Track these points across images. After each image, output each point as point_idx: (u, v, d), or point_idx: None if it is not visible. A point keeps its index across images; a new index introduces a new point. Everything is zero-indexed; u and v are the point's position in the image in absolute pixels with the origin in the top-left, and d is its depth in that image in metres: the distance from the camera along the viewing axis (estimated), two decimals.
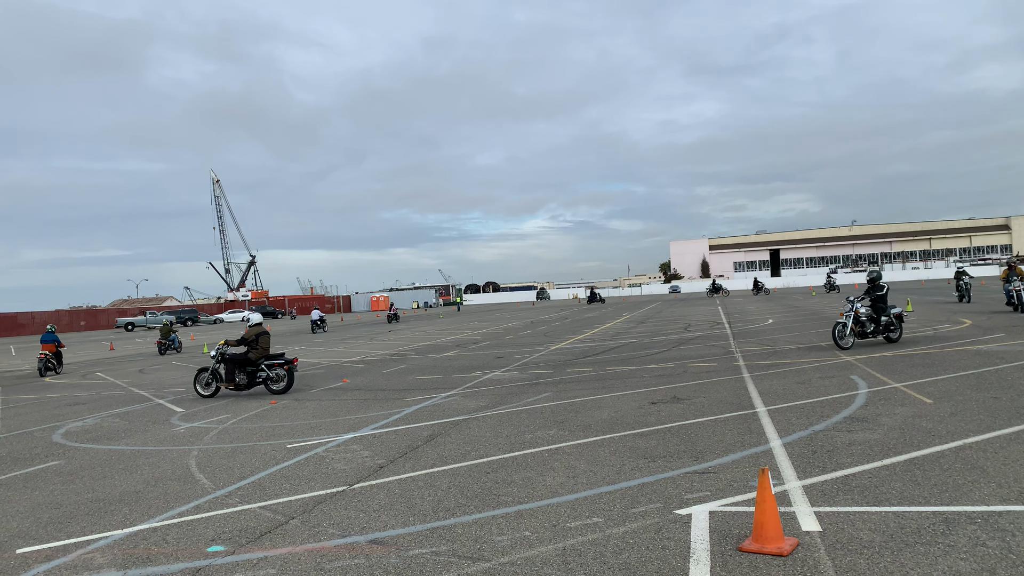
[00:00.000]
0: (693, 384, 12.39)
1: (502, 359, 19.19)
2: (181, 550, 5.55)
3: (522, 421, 9.99)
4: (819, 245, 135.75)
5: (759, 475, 4.89)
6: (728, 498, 5.95)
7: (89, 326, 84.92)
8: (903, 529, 5.03)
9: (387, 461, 8.10)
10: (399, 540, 5.47)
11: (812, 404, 9.82)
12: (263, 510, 6.48)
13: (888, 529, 5.05)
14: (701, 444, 7.92)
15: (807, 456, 7.12)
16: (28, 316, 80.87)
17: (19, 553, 5.74)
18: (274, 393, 14.69)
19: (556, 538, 5.29)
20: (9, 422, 13.22)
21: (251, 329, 15.05)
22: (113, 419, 12.72)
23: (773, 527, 4.76)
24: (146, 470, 8.44)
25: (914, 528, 5.04)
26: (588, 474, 6.98)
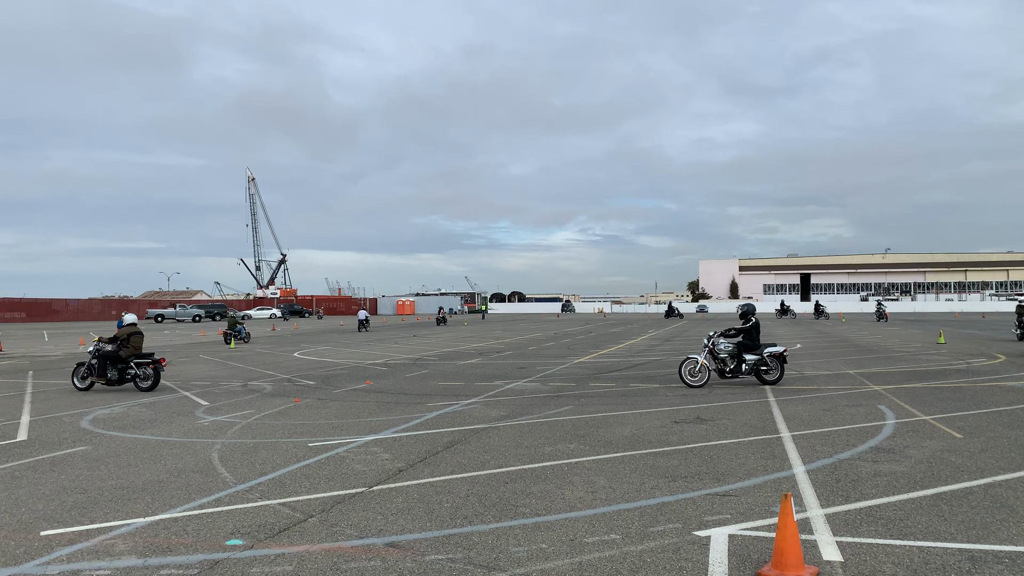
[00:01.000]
0: (717, 405, 12.28)
1: (524, 370, 19.17)
2: (200, 542, 5.61)
3: (542, 433, 9.96)
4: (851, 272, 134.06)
5: (781, 501, 4.83)
6: (748, 522, 5.88)
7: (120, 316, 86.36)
8: (927, 564, 4.94)
9: (406, 465, 8.12)
10: (415, 544, 5.47)
11: (838, 432, 9.68)
12: (282, 507, 6.53)
13: (912, 564, 4.95)
14: (723, 466, 7.84)
15: (831, 484, 7.02)
16: (62, 303, 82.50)
17: (43, 535, 5.83)
18: (141, 390, 15.31)
19: (573, 552, 5.26)
20: (39, 406, 13.47)
21: (123, 329, 15.94)
22: (140, 409, 12.91)
23: (794, 554, 4.70)
24: (170, 460, 8.54)
25: (939, 564, 4.94)
26: (607, 490, 6.94)
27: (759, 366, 14.79)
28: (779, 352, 14.93)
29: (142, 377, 15.42)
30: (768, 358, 14.80)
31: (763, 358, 14.76)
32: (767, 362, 14.82)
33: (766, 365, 14.82)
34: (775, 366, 14.87)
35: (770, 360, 14.83)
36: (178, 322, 71.98)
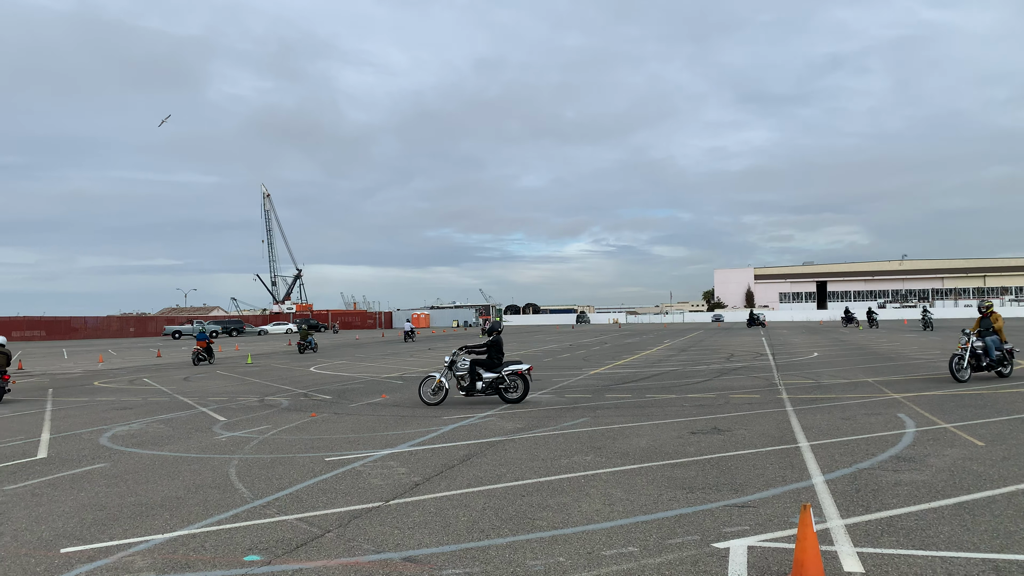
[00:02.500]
0: (734, 415, 12.20)
1: (540, 382, 19.13)
2: (218, 557, 5.63)
3: (559, 445, 9.93)
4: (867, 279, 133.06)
5: (801, 511, 4.79)
6: (768, 533, 5.83)
7: (138, 332, 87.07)
8: (951, 575, 4.87)
9: (423, 479, 8.11)
10: (433, 559, 5.46)
11: (857, 441, 9.59)
12: (299, 522, 6.54)
13: (935, 574, 4.89)
14: (741, 477, 7.78)
15: (851, 494, 6.94)
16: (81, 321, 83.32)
17: (63, 552, 5.88)
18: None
19: (590, 565, 5.23)
20: (59, 423, 13.58)
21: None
22: (158, 425, 12.99)
23: (814, 566, 4.65)
24: (188, 476, 8.59)
25: (962, 574, 4.87)
26: (625, 502, 6.91)
27: (498, 384, 14.48)
28: (522, 370, 14.50)
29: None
30: (508, 376, 14.49)
31: (502, 376, 14.45)
32: (506, 379, 14.48)
33: (504, 383, 14.46)
34: (515, 384, 14.55)
35: (510, 378, 14.52)
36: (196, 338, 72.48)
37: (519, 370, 14.50)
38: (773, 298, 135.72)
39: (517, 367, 14.55)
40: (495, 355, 14.65)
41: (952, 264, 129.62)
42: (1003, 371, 16.27)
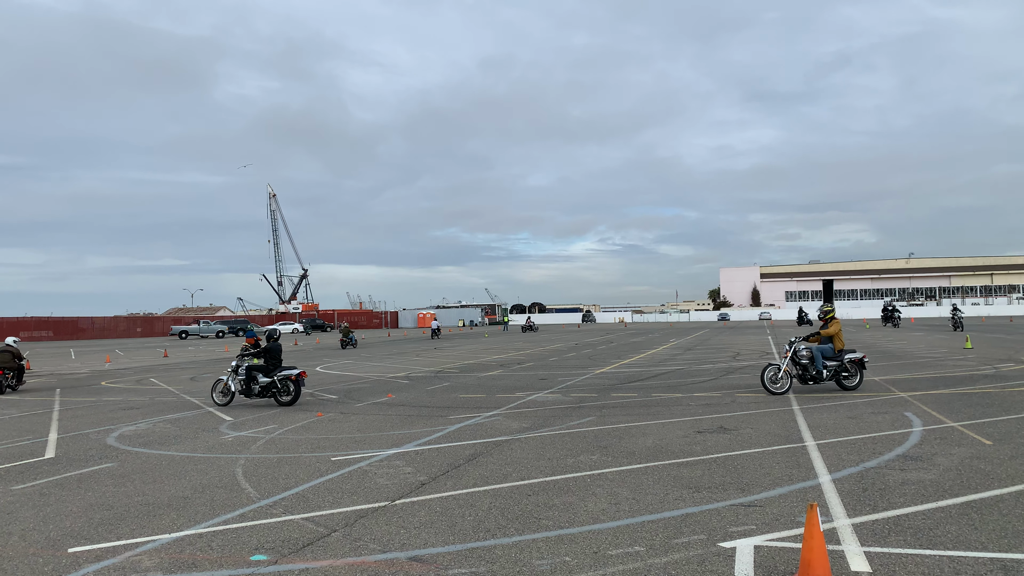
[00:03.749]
0: (741, 415, 12.17)
1: (546, 381, 19.13)
2: (225, 557, 5.64)
3: (565, 444, 9.93)
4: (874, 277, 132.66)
5: (807, 511, 4.77)
6: (774, 533, 5.81)
7: (145, 332, 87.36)
8: (958, 574, 4.85)
9: (429, 478, 8.12)
10: (439, 559, 5.47)
11: (864, 440, 9.56)
12: (306, 521, 6.55)
13: (942, 574, 4.87)
14: (747, 476, 7.77)
15: (857, 493, 6.92)
16: (88, 321, 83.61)
17: (71, 552, 5.90)
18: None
19: (596, 565, 5.23)
20: (67, 424, 13.64)
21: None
22: (165, 425, 13.03)
23: (821, 565, 4.63)
24: (194, 476, 8.61)
25: (970, 574, 4.85)
26: (631, 501, 6.90)
27: (272, 388, 15.25)
28: (294, 375, 15.18)
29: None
30: (280, 380, 15.19)
31: (274, 380, 15.20)
32: (277, 384, 15.20)
33: (277, 387, 15.16)
34: (287, 388, 15.21)
35: (282, 382, 15.21)
36: (202, 338, 72.65)
37: (291, 375, 15.22)
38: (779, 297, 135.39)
39: (290, 372, 15.27)
40: (271, 361, 15.49)
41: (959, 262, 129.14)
42: (846, 383, 14.83)
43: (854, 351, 15.17)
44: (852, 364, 14.88)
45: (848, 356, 14.88)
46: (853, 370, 14.90)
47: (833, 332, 14.96)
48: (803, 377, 14.88)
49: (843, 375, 14.87)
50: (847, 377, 14.88)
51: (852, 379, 14.89)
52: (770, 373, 14.85)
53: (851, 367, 14.87)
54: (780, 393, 14.50)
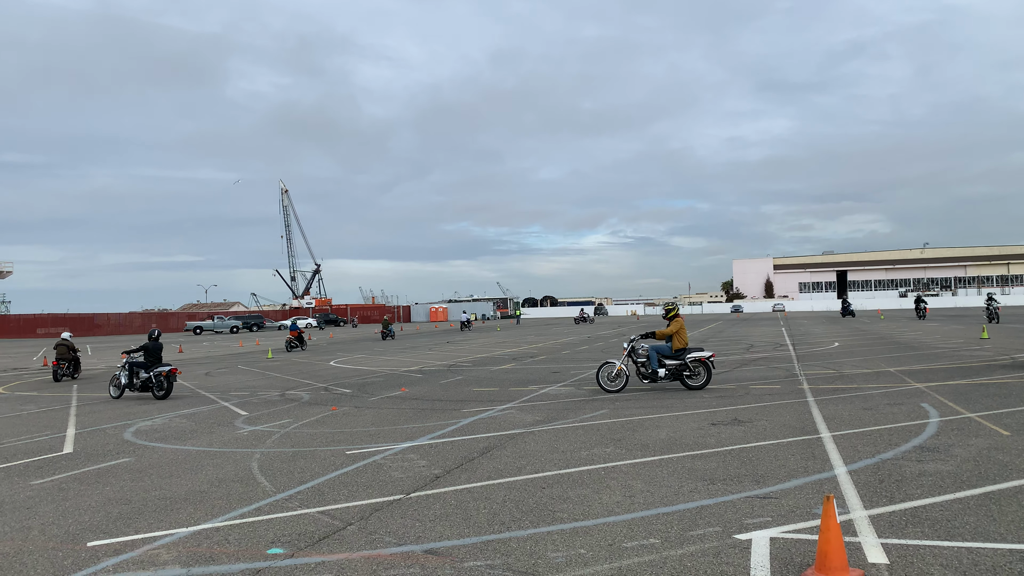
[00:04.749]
0: (755, 406, 12.13)
1: (558, 374, 19.13)
2: (242, 551, 5.68)
3: (578, 437, 9.92)
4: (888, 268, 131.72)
5: (824, 502, 4.75)
6: (790, 525, 5.79)
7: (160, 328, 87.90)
8: (977, 566, 4.81)
9: (443, 471, 8.14)
10: (454, 551, 5.48)
11: (880, 431, 9.50)
12: (321, 515, 6.58)
13: (961, 565, 4.83)
14: (762, 468, 7.74)
15: (874, 485, 6.88)
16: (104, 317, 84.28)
17: (90, 546, 5.95)
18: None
19: (612, 557, 5.23)
20: (84, 419, 13.76)
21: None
22: (181, 420, 13.12)
23: (838, 557, 4.61)
24: (210, 471, 8.67)
25: (989, 566, 4.81)
26: (645, 494, 6.89)
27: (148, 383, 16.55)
28: (165, 372, 16.39)
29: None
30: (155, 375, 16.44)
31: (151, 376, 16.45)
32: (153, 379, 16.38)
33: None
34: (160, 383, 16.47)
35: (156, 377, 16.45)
36: (216, 333, 73.07)
37: (163, 371, 16.52)
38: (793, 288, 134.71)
39: (163, 368, 16.52)
40: (148, 358, 16.90)
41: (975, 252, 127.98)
42: (690, 383, 14.53)
43: (700, 350, 14.93)
44: (695, 363, 14.60)
45: (691, 355, 14.60)
46: (697, 369, 14.61)
47: (671, 331, 14.73)
48: (642, 375, 14.76)
49: (685, 374, 14.60)
50: (690, 376, 14.61)
51: (697, 378, 14.62)
52: (606, 371, 14.87)
53: (693, 366, 14.60)
54: (615, 391, 14.46)
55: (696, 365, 14.61)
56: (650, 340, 15.17)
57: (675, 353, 14.65)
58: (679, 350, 14.66)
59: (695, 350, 14.80)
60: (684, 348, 14.73)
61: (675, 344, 14.67)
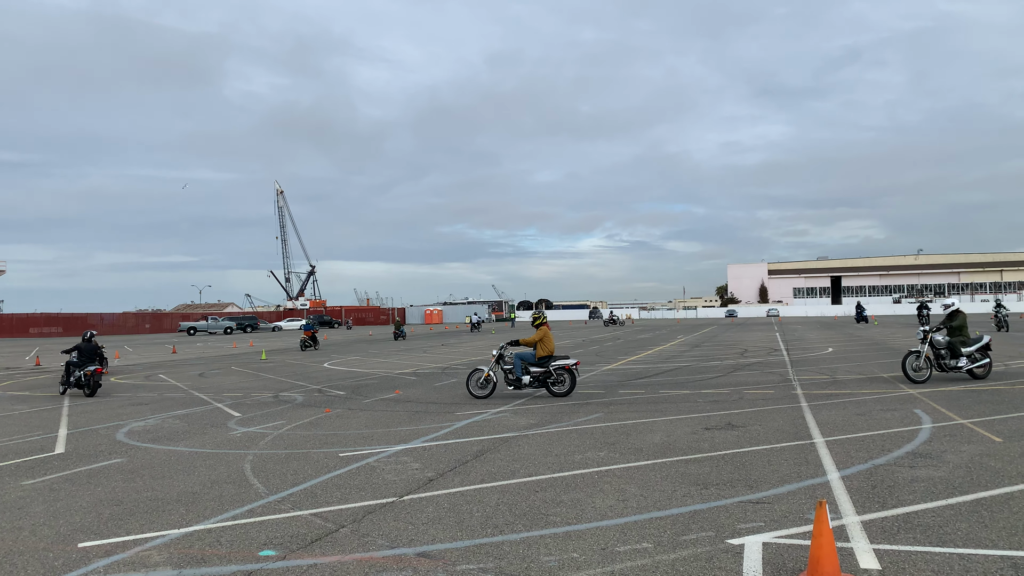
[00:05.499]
0: (749, 411, 12.14)
1: None
2: (234, 552, 5.66)
3: (572, 441, 9.92)
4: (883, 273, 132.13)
5: (816, 508, 4.75)
6: (783, 530, 5.80)
7: (153, 329, 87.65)
8: (968, 572, 4.83)
9: (436, 475, 8.13)
10: (446, 554, 5.47)
11: (872, 437, 9.52)
12: (314, 517, 6.56)
13: (952, 571, 4.85)
14: (756, 473, 7.75)
15: (866, 491, 6.90)
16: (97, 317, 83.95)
17: (80, 547, 5.93)
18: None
19: (604, 561, 5.22)
20: (76, 419, 13.71)
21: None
22: (173, 421, 13.08)
23: (830, 562, 4.62)
24: (203, 472, 8.64)
25: (980, 571, 4.83)
26: (638, 498, 6.89)
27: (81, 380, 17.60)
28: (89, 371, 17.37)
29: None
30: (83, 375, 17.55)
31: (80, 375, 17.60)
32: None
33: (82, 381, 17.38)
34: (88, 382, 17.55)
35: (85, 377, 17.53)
36: (210, 334, 72.86)
37: (88, 371, 17.64)
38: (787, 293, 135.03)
39: (89, 368, 17.76)
40: (81, 358, 18.13)
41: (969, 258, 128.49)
42: (555, 390, 14.77)
43: (566, 357, 15.17)
44: (559, 371, 14.84)
45: (556, 363, 14.83)
46: (561, 376, 14.83)
47: (535, 339, 14.92)
48: (508, 382, 14.99)
49: (550, 381, 14.83)
50: (555, 383, 14.84)
51: (561, 385, 14.83)
52: (475, 377, 15.14)
53: (558, 373, 14.83)
54: (483, 397, 14.73)
55: (560, 372, 14.86)
56: (518, 348, 15.45)
57: (539, 360, 14.88)
58: (543, 357, 14.88)
59: (560, 358, 15.08)
60: (549, 356, 14.95)
61: (539, 352, 14.88)
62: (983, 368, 15.31)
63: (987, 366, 15.32)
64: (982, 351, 15.30)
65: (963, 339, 15.36)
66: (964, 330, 15.46)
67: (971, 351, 15.18)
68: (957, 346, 15.15)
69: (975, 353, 15.22)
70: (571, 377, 14.85)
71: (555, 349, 15.13)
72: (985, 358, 15.28)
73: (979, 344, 15.28)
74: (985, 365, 15.29)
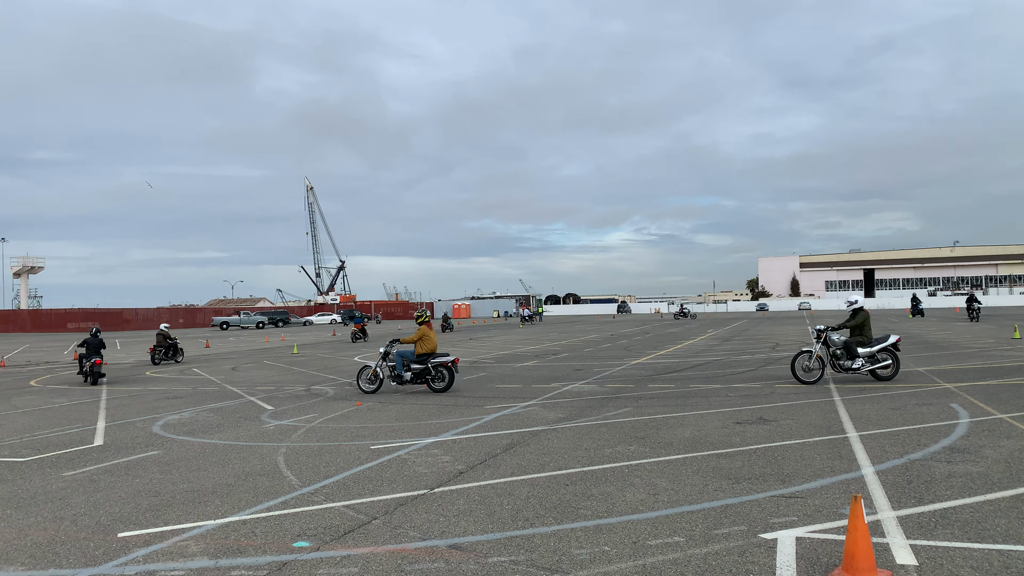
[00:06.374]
0: (781, 405, 12.03)
1: (581, 371, 19.10)
2: (268, 543, 5.74)
3: (601, 435, 9.91)
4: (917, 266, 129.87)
5: (851, 502, 4.70)
6: (816, 524, 5.74)
7: (187, 324, 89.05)
8: (1008, 569, 4.74)
9: (467, 467, 8.17)
10: (478, 546, 5.50)
11: (908, 431, 9.38)
12: (347, 509, 6.64)
13: (991, 568, 4.77)
14: (788, 467, 7.68)
15: (902, 486, 6.80)
16: (132, 312, 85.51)
17: (120, 537, 6.05)
18: None
19: (636, 555, 5.22)
20: (114, 412, 13.98)
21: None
22: (208, 414, 13.29)
23: (865, 558, 4.56)
24: (237, 464, 8.77)
25: (1020, 568, 4.74)
26: (669, 492, 6.86)
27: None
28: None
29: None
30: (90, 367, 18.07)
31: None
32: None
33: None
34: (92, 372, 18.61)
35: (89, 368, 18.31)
36: (243, 329, 73.83)
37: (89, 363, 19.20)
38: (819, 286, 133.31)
39: (94, 359, 19.32)
40: (89, 351, 19.54)
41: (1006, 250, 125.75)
42: (434, 385, 15.44)
43: (446, 355, 15.70)
44: (438, 368, 15.45)
45: (435, 360, 15.40)
46: (440, 372, 15.46)
47: (414, 338, 15.58)
48: (390, 378, 15.66)
49: (428, 377, 15.44)
50: (433, 380, 15.45)
51: (440, 381, 15.44)
52: (364, 374, 15.85)
53: (436, 370, 15.44)
54: (371, 392, 15.44)
55: (439, 369, 15.47)
56: (401, 346, 16.17)
57: (419, 358, 15.46)
58: (423, 355, 15.46)
59: (441, 355, 15.61)
60: (429, 353, 15.52)
61: (419, 349, 15.48)
62: (888, 369, 14.69)
63: (892, 367, 14.68)
64: (886, 351, 14.68)
65: (863, 339, 14.81)
66: (866, 329, 14.86)
67: (871, 351, 14.59)
68: (853, 346, 14.60)
69: (878, 354, 14.63)
70: (449, 374, 15.49)
71: (437, 347, 15.88)
72: (889, 359, 14.65)
73: (882, 344, 14.66)
74: (889, 366, 14.66)
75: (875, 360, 14.65)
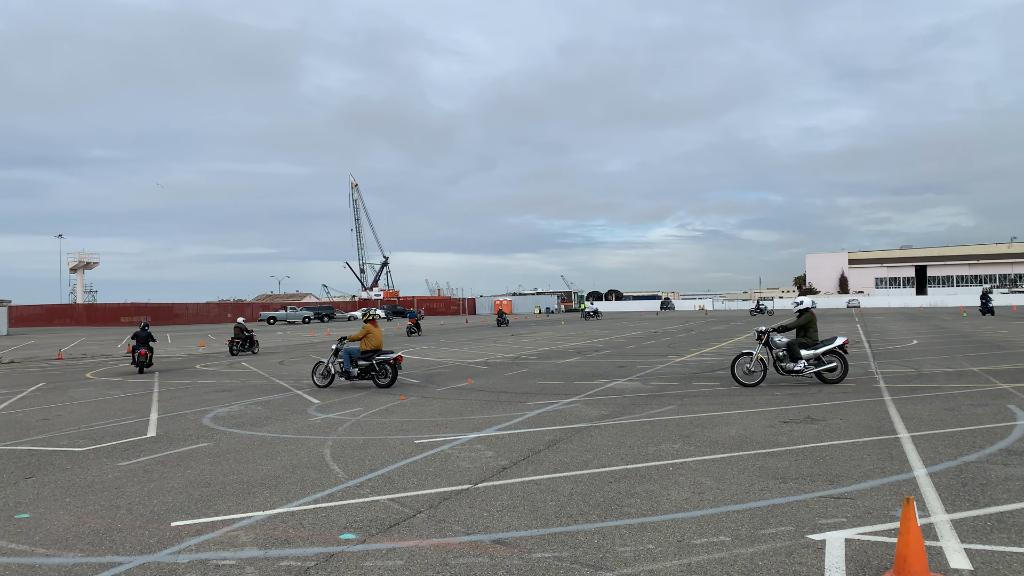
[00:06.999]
0: (828, 405, 11.81)
1: (624, 368, 19.00)
2: (316, 535, 5.84)
3: (645, 433, 9.85)
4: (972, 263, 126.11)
5: (904, 504, 4.60)
6: (866, 526, 5.63)
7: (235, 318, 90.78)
8: None
9: (510, 463, 8.19)
10: (522, 542, 5.52)
11: (962, 433, 9.14)
12: (392, 502, 6.71)
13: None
14: (837, 468, 7.54)
15: (956, 488, 6.63)
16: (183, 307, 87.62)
17: (173, 526, 6.22)
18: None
19: (681, 553, 5.18)
20: (166, 404, 14.35)
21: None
22: (256, 407, 13.55)
23: (918, 561, 4.46)
24: (285, 456, 8.93)
25: None
26: (715, 491, 6.79)
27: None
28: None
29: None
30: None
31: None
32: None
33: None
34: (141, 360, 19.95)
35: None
36: (289, 324, 75.04)
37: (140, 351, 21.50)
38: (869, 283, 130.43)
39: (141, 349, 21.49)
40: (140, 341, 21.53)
41: None
42: (379, 381, 15.87)
43: (391, 352, 16.16)
44: (383, 364, 15.92)
45: (380, 357, 15.89)
46: (384, 368, 15.92)
47: (359, 336, 16.09)
48: (339, 373, 16.14)
49: (372, 373, 15.89)
50: (378, 376, 15.88)
51: (384, 377, 15.89)
52: (318, 370, 16.37)
53: (380, 366, 15.90)
54: (323, 386, 16.02)
55: (384, 366, 15.96)
56: (348, 343, 16.58)
57: (364, 354, 15.98)
58: (368, 352, 15.98)
59: (385, 353, 16.11)
60: (375, 350, 16.03)
61: (364, 346, 16.03)
62: (834, 371, 14.24)
63: (838, 369, 14.23)
64: (833, 353, 14.24)
65: (807, 340, 14.39)
66: (811, 331, 14.45)
67: (815, 353, 14.16)
68: (796, 348, 14.20)
69: (823, 356, 14.20)
70: (393, 370, 15.96)
71: (383, 344, 16.29)
72: (835, 360, 14.21)
73: (828, 346, 14.23)
74: (835, 368, 14.21)
75: (820, 362, 14.29)
